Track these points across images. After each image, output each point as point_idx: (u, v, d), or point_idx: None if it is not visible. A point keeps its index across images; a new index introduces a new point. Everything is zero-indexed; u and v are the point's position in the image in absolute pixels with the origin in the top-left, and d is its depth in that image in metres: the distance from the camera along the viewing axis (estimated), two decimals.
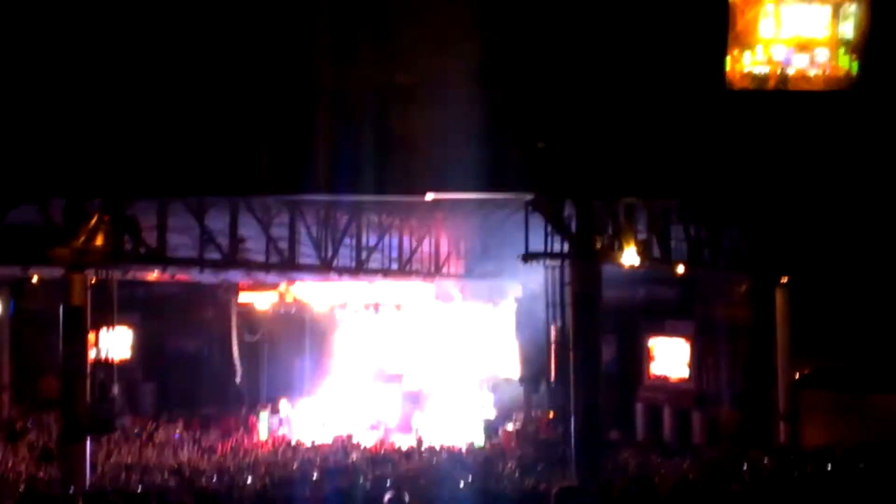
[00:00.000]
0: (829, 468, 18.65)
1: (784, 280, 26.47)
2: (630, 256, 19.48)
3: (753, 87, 10.18)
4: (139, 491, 18.24)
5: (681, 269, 23.26)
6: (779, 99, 10.13)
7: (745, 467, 20.34)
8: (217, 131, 10.62)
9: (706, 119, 10.13)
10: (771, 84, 10.09)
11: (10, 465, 22.02)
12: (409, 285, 30.09)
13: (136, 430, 27.43)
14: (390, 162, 11.01)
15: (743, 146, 10.33)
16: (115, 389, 20.06)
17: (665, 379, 29.39)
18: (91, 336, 19.55)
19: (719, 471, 20.21)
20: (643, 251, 20.23)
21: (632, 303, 28.49)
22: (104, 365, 19.56)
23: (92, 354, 19.53)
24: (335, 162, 10.59)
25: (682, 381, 28.94)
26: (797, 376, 26.79)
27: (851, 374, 25.12)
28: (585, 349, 18.20)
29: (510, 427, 29.01)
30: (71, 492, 16.31)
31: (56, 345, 20.18)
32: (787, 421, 26.50)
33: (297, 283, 29.97)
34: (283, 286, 30.34)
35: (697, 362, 28.59)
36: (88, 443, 19.37)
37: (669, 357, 29.39)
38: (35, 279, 26.58)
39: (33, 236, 19.83)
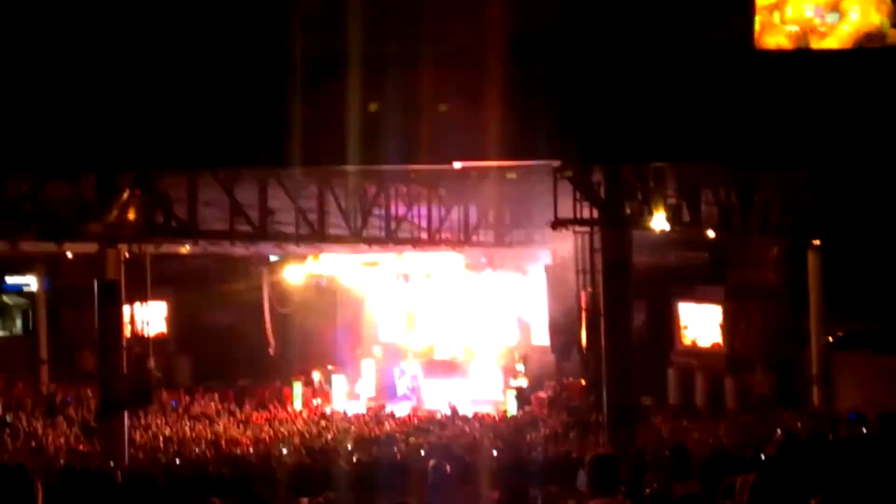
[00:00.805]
0: (863, 431, 18.58)
1: (816, 242, 26.24)
2: (660, 221, 19.38)
3: (783, 47, 10.05)
4: (177, 463, 18.53)
5: (711, 233, 23.11)
6: (809, 58, 10.00)
7: (778, 432, 20.31)
8: (245, 103, 10.65)
9: (735, 80, 10.02)
10: (801, 43, 9.95)
11: (49, 439, 22.37)
12: (439, 255, 30.13)
13: (172, 403, 27.76)
14: (418, 131, 10.99)
15: (772, 107, 10.21)
16: (151, 363, 20.28)
17: (697, 344, 29.30)
18: (126, 310, 19.77)
19: (753, 435, 20.19)
20: (673, 216, 20.11)
21: (662, 268, 28.32)
22: (140, 339, 19.78)
23: (127, 329, 19.76)
24: (363, 132, 10.59)
25: (715, 346, 28.84)
26: (830, 339, 26.62)
27: (885, 335, 24.91)
28: (616, 315, 18.18)
29: (542, 395, 29.08)
30: (110, 465, 16.56)
31: (92, 319, 20.44)
32: (821, 384, 26.38)
33: (327, 255, 30.06)
34: (312, 257, 30.45)
35: (729, 327, 28.45)
36: (126, 416, 19.64)
37: (701, 322, 29.27)
38: (69, 255, 26.84)
39: (66, 212, 20.03)
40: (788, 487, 4.13)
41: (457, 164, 14.34)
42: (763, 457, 14.56)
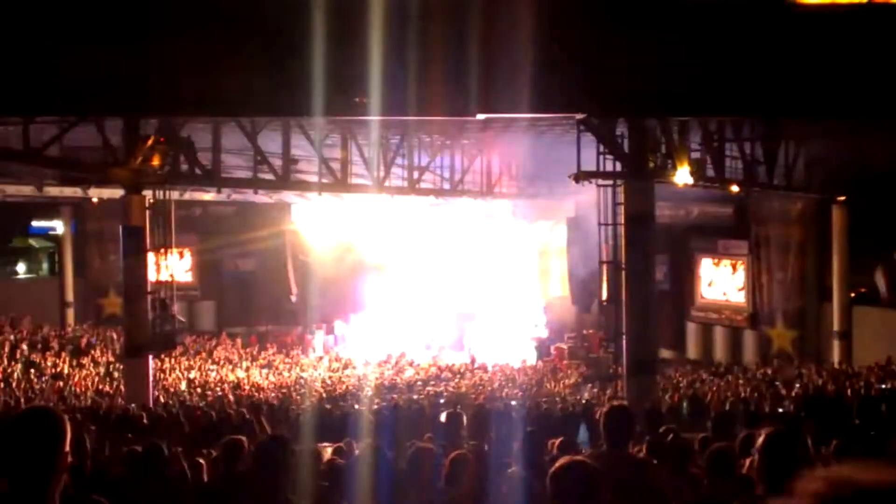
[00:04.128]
0: (883, 386, 18.62)
1: (841, 198, 26.06)
2: (683, 175, 19.27)
3: (813, 1, 9.96)
4: (200, 405, 18.81)
5: (735, 188, 22.98)
6: (838, 14, 9.89)
7: (798, 385, 20.38)
8: (270, 53, 10.67)
9: (762, 35, 9.93)
10: None
11: (76, 379, 22.74)
12: (462, 204, 30.17)
13: (195, 347, 28.09)
14: (441, 82, 10.98)
15: (799, 62, 10.13)
16: (175, 308, 20.47)
17: (718, 299, 29.29)
18: (151, 256, 19.92)
19: (771, 389, 20.27)
20: (697, 170, 19.98)
21: (685, 222, 28.26)
22: (164, 284, 19.95)
23: (152, 274, 19.92)
24: (386, 82, 10.60)
25: (736, 300, 28.83)
26: (853, 295, 26.54)
27: None
28: (638, 268, 18.16)
29: (562, 346, 29.23)
30: (134, 406, 16.82)
31: (117, 263, 20.64)
32: (842, 339, 26.35)
33: (351, 204, 30.14)
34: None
35: (751, 281, 28.42)
36: (150, 359, 19.88)
37: (722, 276, 29.24)
38: (95, 200, 27.09)
39: (91, 158, 20.17)
40: (804, 442, 4.19)
41: (480, 116, 14.30)
42: (781, 411, 14.64)
